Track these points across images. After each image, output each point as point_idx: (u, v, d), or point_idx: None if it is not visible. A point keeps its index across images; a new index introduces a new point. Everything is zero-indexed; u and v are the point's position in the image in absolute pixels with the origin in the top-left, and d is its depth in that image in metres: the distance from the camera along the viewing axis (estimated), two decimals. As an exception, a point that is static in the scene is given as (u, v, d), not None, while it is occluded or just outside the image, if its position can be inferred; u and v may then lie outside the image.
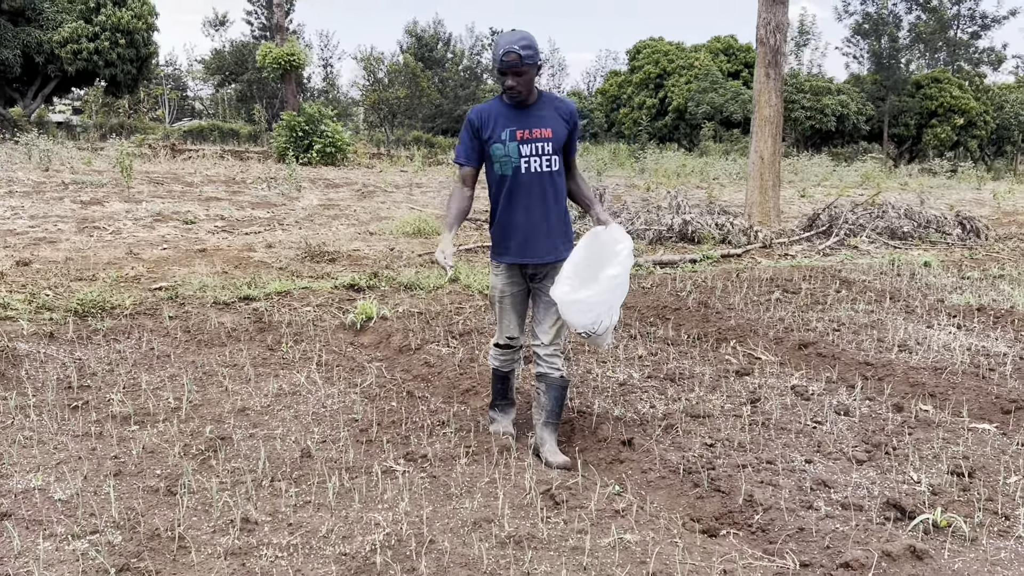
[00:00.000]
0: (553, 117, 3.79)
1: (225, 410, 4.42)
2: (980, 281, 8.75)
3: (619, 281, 3.63)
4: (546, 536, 3.12)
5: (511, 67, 3.60)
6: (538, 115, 3.77)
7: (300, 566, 2.86)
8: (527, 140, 3.72)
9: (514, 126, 3.72)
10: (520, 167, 3.73)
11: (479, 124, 3.75)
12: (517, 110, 3.75)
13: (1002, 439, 4.20)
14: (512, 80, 3.63)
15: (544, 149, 3.75)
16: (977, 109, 42.42)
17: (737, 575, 2.86)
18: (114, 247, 9.41)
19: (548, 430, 3.93)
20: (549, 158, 3.77)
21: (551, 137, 3.76)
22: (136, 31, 32.56)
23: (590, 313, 3.60)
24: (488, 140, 3.74)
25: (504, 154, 3.72)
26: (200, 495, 3.40)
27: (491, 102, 3.84)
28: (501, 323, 4.00)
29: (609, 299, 3.63)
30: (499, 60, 3.60)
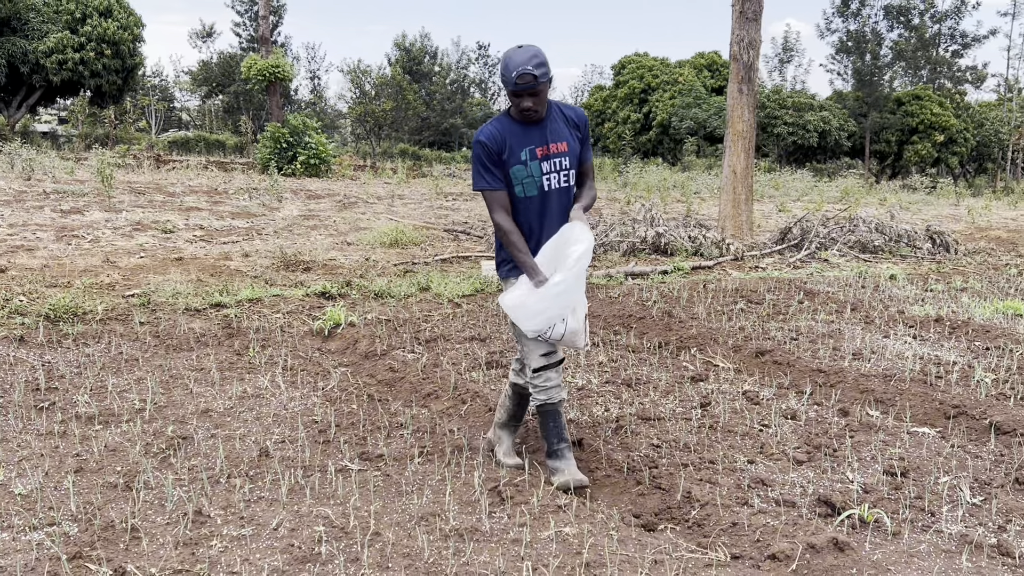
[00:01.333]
0: (565, 129, 3.64)
1: (188, 411, 4.53)
2: (943, 294, 8.95)
3: (560, 288, 3.44)
4: (488, 529, 3.25)
5: (527, 89, 3.40)
6: (552, 129, 3.60)
7: (248, 555, 2.98)
8: (547, 157, 3.57)
9: (532, 144, 3.55)
10: (543, 186, 3.58)
11: (496, 147, 3.54)
12: (528, 126, 3.57)
13: (939, 442, 4.35)
14: (528, 101, 3.44)
15: (562, 164, 3.61)
16: (957, 126, 43.00)
17: (667, 565, 2.99)
18: (91, 255, 9.50)
19: (507, 432, 3.96)
20: (567, 173, 3.63)
21: (567, 151, 3.61)
22: (122, 42, 32.66)
23: (537, 319, 3.49)
24: (507, 162, 3.55)
25: (527, 175, 3.56)
26: (157, 491, 3.51)
27: (498, 121, 3.60)
28: (530, 346, 3.65)
29: (558, 303, 3.46)
30: (512, 82, 3.39)
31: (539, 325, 3.50)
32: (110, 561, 2.87)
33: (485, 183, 3.57)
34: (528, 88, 3.40)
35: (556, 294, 3.44)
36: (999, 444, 4.31)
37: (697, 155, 41.36)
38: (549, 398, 3.67)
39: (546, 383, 3.65)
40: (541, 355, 3.62)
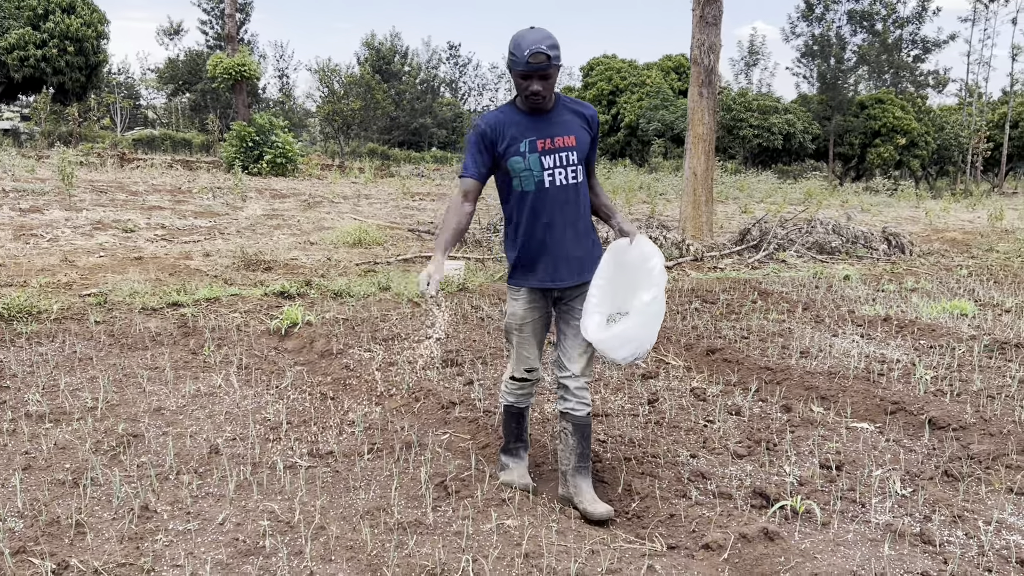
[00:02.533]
0: (574, 123, 3.44)
1: (141, 410, 4.56)
2: (894, 294, 9.16)
3: (657, 306, 3.29)
4: (432, 522, 3.32)
5: (538, 70, 3.20)
6: (559, 121, 3.40)
7: (192, 549, 3.03)
8: (550, 150, 3.36)
9: (534, 135, 3.35)
10: (544, 181, 3.36)
11: (493, 135, 3.36)
12: (534, 117, 3.38)
13: (877, 437, 4.50)
14: (538, 84, 3.24)
15: (569, 159, 3.39)
16: (919, 130, 43.71)
17: (603, 555, 3.08)
18: (50, 254, 9.43)
19: (582, 476, 3.54)
20: (575, 169, 3.40)
21: (575, 146, 3.40)
22: (85, 39, 32.28)
23: (630, 345, 3.28)
24: (505, 153, 3.36)
25: (525, 168, 3.35)
26: (105, 487, 3.55)
27: (502, 109, 3.43)
28: (519, 354, 3.57)
29: (648, 325, 3.30)
30: (523, 62, 3.19)
31: (635, 351, 3.32)
32: (53, 556, 2.91)
33: (467, 171, 3.40)
34: (539, 69, 3.21)
35: (654, 314, 3.29)
36: (933, 438, 4.46)
37: (664, 157, 41.70)
38: (517, 401, 3.69)
39: (519, 390, 3.65)
40: (525, 369, 3.57)
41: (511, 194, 3.44)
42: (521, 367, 3.58)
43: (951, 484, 3.85)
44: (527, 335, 3.55)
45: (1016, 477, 3.93)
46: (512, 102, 3.44)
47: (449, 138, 60.49)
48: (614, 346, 3.27)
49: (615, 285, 3.36)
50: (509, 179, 3.41)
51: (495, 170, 3.45)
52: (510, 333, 3.59)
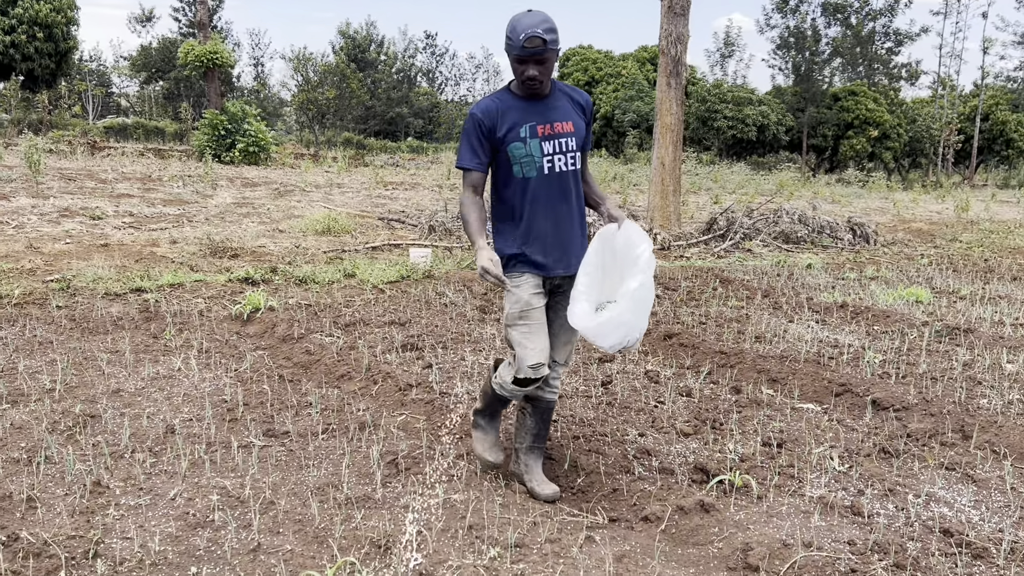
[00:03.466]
0: (571, 109, 3.39)
1: (99, 391, 4.60)
2: (854, 282, 9.33)
3: (644, 292, 3.19)
4: (381, 497, 3.41)
5: (534, 54, 3.14)
6: (556, 106, 3.35)
7: (143, 522, 3.10)
8: (549, 136, 3.30)
9: (533, 120, 3.29)
10: (544, 167, 3.30)
11: (490, 123, 3.28)
12: (532, 102, 3.32)
13: (821, 417, 4.63)
14: (534, 69, 3.18)
15: (568, 145, 3.33)
16: (891, 122, 44.17)
17: (545, 526, 3.19)
18: (14, 241, 9.40)
19: (534, 456, 3.56)
20: (573, 155, 3.35)
21: (572, 132, 3.35)
22: (55, 25, 31.90)
23: (618, 332, 3.19)
24: (504, 139, 3.28)
25: (526, 154, 3.28)
26: (59, 465, 3.60)
27: (497, 95, 3.35)
28: (525, 347, 3.31)
29: (636, 312, 3.20)
30: (519, 46, 3.12)
31: (623, 339, 3.21)
32: (4, 528, 2.96)
33: (466, 161, 3.32)
34: (536, 53, 3.13)
35: (641, 299, 3.19)
36: (876, 418, 4.60)
37: (639, 148, 41.83)
38: (511, 395, 3.48)
39: (515, 391, 3.43)
40: (532, 365, 3.30)
41: (511, 180, 3.34)
42: (529, 361, 3.28)
43: (887, 460, 3.99)
44: (536, 322, 3.34)
45: (949, 454, 4.07)
46: (507, 87, 3.37)
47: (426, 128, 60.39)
48: (602, 333, 3.19)
49: (603, 272, 3.28)
50: (509, 166, 3.32)
51: (494, 157, 3.35)
52: (513, 328, 3.35)
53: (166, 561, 2.84)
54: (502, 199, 3.41)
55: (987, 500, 3.57)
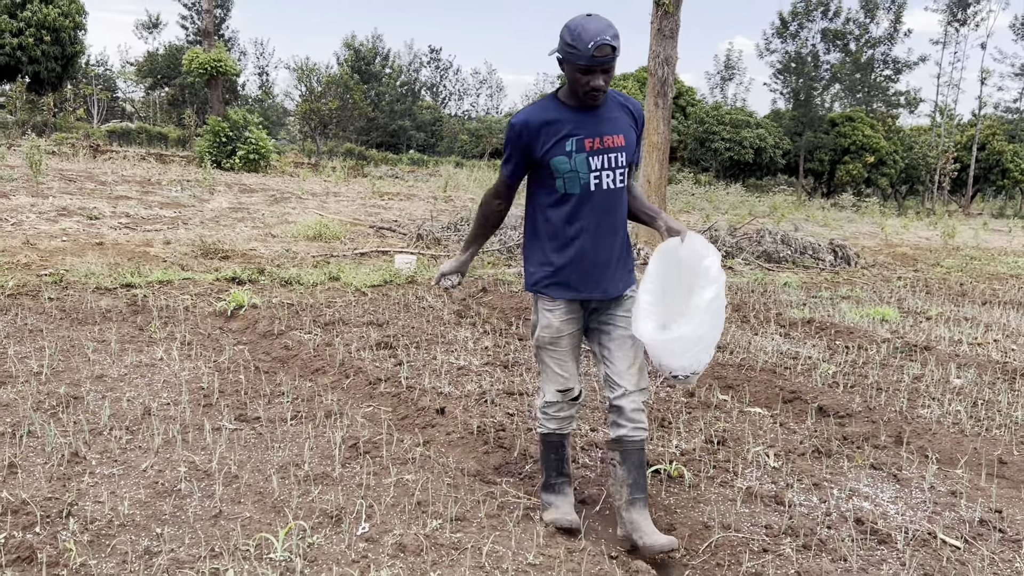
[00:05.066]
0: (623, 120, 3.11)
1: (84, 376, 4.86)
2: (826, 300, 9.60)
3: (718, 304, 2.94)
4: (338, 475, 3.66)
5: (602, 63, 2.88)
6: (609, 118, 3.07)
7: (115, 489, 3.35)
8: (599, 151, 3.03)
9: (581, 133, 3.02)
10: (590, 183, 3.04)
11: (529, 136, 3.03)
12: (582, 113, 3.04)
13: (767, 420, 4.89)
14: (600, 79, 2.92)
15: (617, 161, 3.07)
16: (887, 148, 44.63)
17: (488, 504, 3.44)
18: (12, 237, 9.67)
19: (638, 509, 3.17)
20: (622, 172, 3.09)
21: (624, 146, 3.08)
22: (63, 29, 32.30)
23: (689, 353, 2.92)
24: (547, 152, 3.02)
25: (570, 169, 3.02)
26: (41, 439, 3.86)
27: (542, 104, 3.08)
28: (553, 372, 3.21)
29: (710, 330, 2.95)
30: (587, 55, 2.85)
31: (694, 358, 2.96)
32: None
33: (503, 165, 3.16)
34: (604, 63, 2.88)
35: (717, 311, 2.94)
36: (818, 423, 4.86)
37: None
38: (559, 428, 3.29)
39: (558, 412, 3.27)
40: (558, 389, 3.20)
41: (550, 196, 3.09)
42: (555, 387, 3.22)
43: (819, 460, 4.25)
44: (564, 349, 3.19)
45: (880, 456, 4.33)
46: (554, 95, 3.10)
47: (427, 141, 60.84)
48: (673, 351, 2.91)
49: (666, 288, 3.02)
50: (551, 179, 3.06)
51: (533, 168, 3.12)
52: (542, 350, 3.22)
53: (133, 523, 3.09)
54: (540, 213, 3.15)
55: (906, 497, 3.83)
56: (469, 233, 3.34)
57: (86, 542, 2.92)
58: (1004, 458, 4.35)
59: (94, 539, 2.95)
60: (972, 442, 4.55)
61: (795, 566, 3.06)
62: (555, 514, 3.28)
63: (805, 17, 43.42)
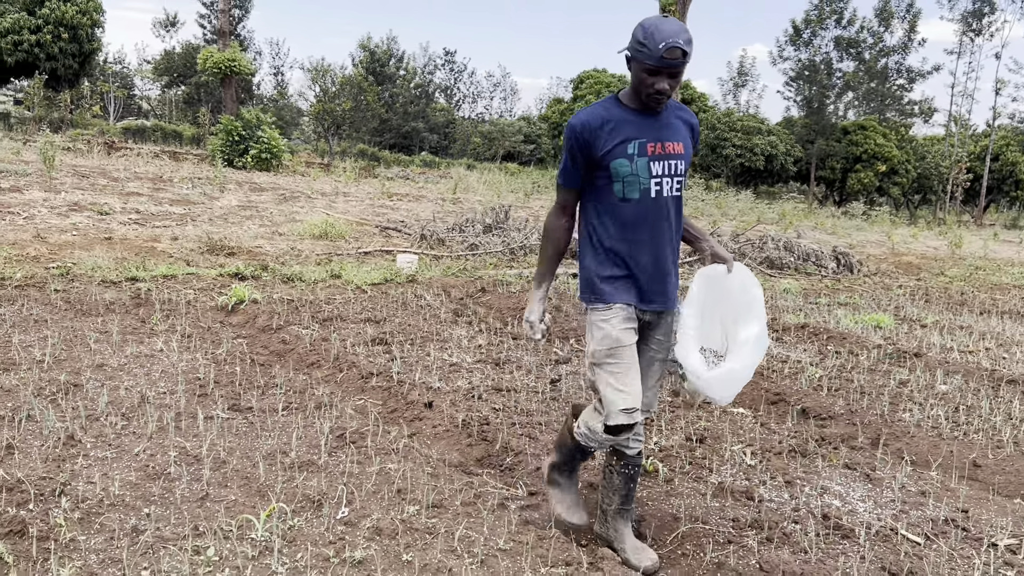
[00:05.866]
0: (683, 129, 3.06)
1: (84, 364, 5.01)
2: (824, 306, 9.68)
3: (765, 342, 2.96)
4: (323, 463, 3.79)
5: (671, 66, 2.81)
6: (669, 124, 3.01)
7: (107, 471, 3.49)
8: (660, 156, 2.95)
9: (644, 137, 2.93)
10: (650, 189, 2.94)
11: (589, 135, 2.93)
12: (644, 116, 2.96)
13: (749, 420, 4.99)
14: (666, 82, 2.85)
15: (677, 168, 2.99)
16: (899, 157, 44.53)
17: (465, 492, 3.56)
18: (23, 231, 9.86)
19: (622, 520, 3.20)
20: (680, 180, 3.01)
21: (683, 153, 3.01)
22: (80, 26, 32.65)
23: (736, 384, 2.94)
24: (607, 154, 2.92)
25: (631, 172, 2.92)
26: (40, 423, 4.00)
27: (603, 104, 2.99)
28: (617, 390, 2.92)
29: (753, 364, 2.95)
30: (657, 56, 2.78)
31: (733, 392, 2.99)
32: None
33: (561, 176, 3.05)
34: (673, 66, 2.81)
35: (763, 347, 2.95)
36: (799, 424, 4.96)
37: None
38: (600, 445, 3.12)
39: (606, 440, 3.04)
40: (622, 410, 2.91)
41: (608, 199, 2.98)
42: (619, 406, 2.90)
43: (795, 459, 4.35)
44: (628, 360, 2.94)
45: (856, 456, 4.43)
46: (615, 96, 3.01)
47: (441, 143, 61.10)
48: (722, 385, 2.90)
49: (704, 315, 2.98)
50: (610, 183, 2.96)
51: (590, 172, 3.00)
52: (601, 365, 2.96)
53: (123, 503, 3.23)
54: (596, 218, 3.04)
55: (877, 496, 3.93)
56: (538, 266, 3.12)
57: (76, 519, 3.05)
58: (978, 461, 4.44)
59: (84, 517, 3.09)
60: (949, 445, 4.65)
61: (756, 557, 3.17)
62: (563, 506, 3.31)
63: (819, 25, 43.38)
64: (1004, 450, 4.64)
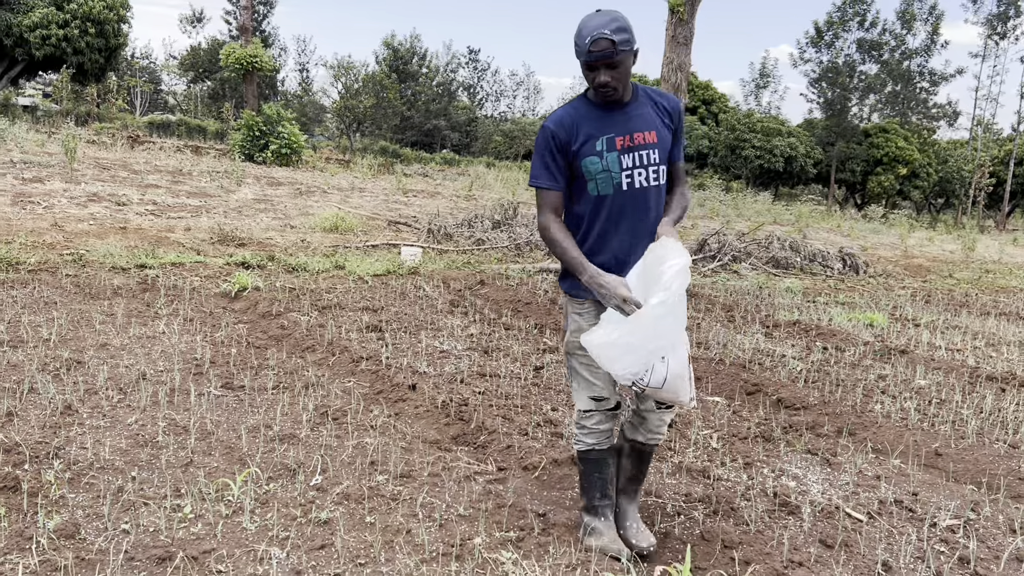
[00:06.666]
0: (654, 116, 3.02)
1: (88, 344, 5.27)
2: (822, 305, 9.80)
3: (660, 311, 2.72)
4: (304, 437, 4.02)
5: (602, 58, 2.81)
6: (638, 115, 2.99)
7: (100, 438, 3.74)
8: (629, 148, 2.95)
9: (611, 132, 2.95)
10: (622, 183, 2.96)
11: (565, 136, 2.94)
12: (610, 111, 2.97)
13: (723, 408, 5.17)
14: (605, 75, 2.85)
15: (650, 158, 2.98)
16: (920, 161, 44.29)
17: (434, 465, 3.77)
18: (42, 219, 10.19)
19: (627, 499, 3.25)
20: (656, 169, 2.99)
21: (656, 142, 2.99)
22: (107, 21, 33.19)
23: (630, 357, 2.77)
24: (578, 153, 2.95)
25: (602, 169, 2.94)
26: (41, 395, 4.26)
27: (572, 104, 3.01)
28: (585, 380, 3.08)
29: (658, 333, 2.76)
30: (585, 51, 2.81)
31: (634, 366, 2.78)
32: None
33: (539, 180, 2.99)
34: (604, 57, 2.81)
35: (655, 318, 2.73)
36: (770, 413, 5.13)
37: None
38: (598, 443, 3.13)
39: (596, 425, 3.11)
40: (591, 397, 3.08)
41: (583, 197, 3.01)
42: (587, 394, 3.09)
43: (760, 444, 4.52)
44: None
45: (819, 443, 4.60)
46: (584, 95, 3.03)
47: (462, 141, 61.43)
48: (610, 356, 2.79)
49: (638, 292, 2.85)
50: (583, 181, 2.98)
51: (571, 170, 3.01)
52: (573, 356, 3.09)
53: (112, 466, 3.47)
54: (571, 215, 3.07)
55: (833, 479, 4.10)
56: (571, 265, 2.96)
57: (67, 479, 3.30)
58: (940, 450, 4.59)
59: (74, 477, 3.33)
60: (913, 435, 4.80)
61: (700, 527, 3.36)
62: (601, 541, 3.12)
63: (841, 27, 43.24)
64: (967, 440, 4.79)
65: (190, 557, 2.81)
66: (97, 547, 2.83)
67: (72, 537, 2.87)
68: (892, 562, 3.20)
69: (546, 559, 3.02)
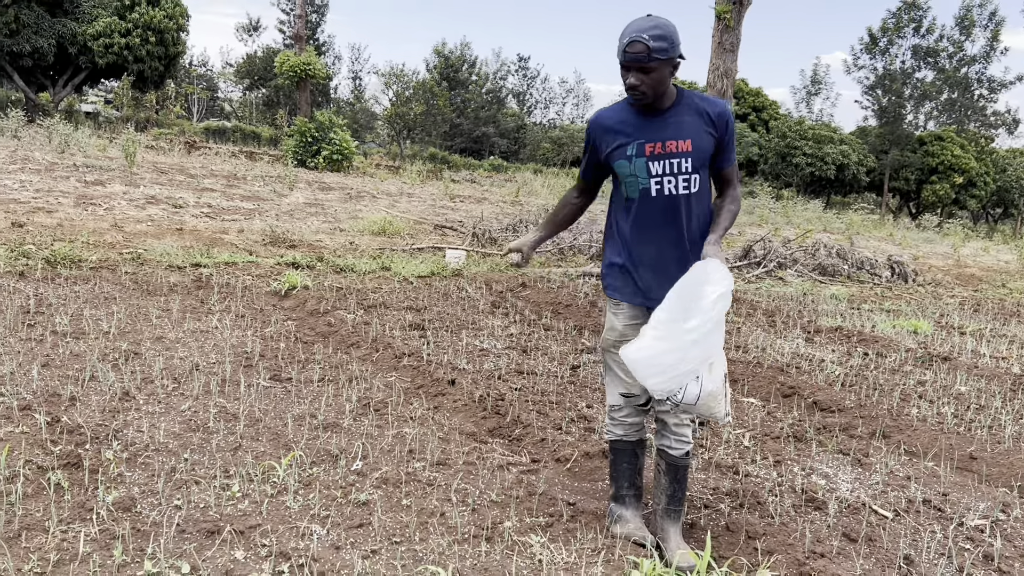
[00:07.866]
0: (694, 124, 3.00)
1: (145, 336, 5.53)
2: (867, 312, 9.76)
3: (697, 336, 2.77)
4: (347, 426, 4.20)
5: (635, 61, 2.85)
6: (675, 122, 3.00)
7: (154, 423, 3.95)
8: (659, 156, 2.98)
9: (643, 138, 2.99)
10: (650, 189, 3.00)
11: (596, 136, 3.09)
12: (647, 117, 3.01)
13: (757, 409, 5.23)
14: (635, 77, 2.89)
15: (681, 167, 2.98)
16: (977, 169, 43.41)
17: (470, 454, 3.92)
18: (103, 220, 10.59)
19: (670, 520, 3.23)
20: (688, 177, 2.99)
21: (690, 151, 2.97)
22: (166, 30, 34.17)
23: (663, 376, 2.83)
24: (610, 155, 3.04)
25: (630, 173, 3.01)
26: (101, 382, 4.50)
27: (617, 106, 3.09)
28: (616, 376, 3.22)
29: (692, 355, 2.80)
30: (621, 51, 2.87)
31: (668, 383, 2.84)
32: (49, 414, 3.86)
33: (580, 166, 3.24)
34: (636, 61, 2.85)
35: (691, 342, 2.77)
36: (806, 415, 5.18)
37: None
38: (626, 434, 3.27)
39: (625, 418, 3.26)
40: (621, 393, 3.22)
41: (619, 199, 3.14)
42: (618, 390, 3.23)
43: (792, 443, 4.59)
44: None
45: (850, 443, 4.64)
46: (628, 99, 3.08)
47: (510, 148, 61.71)
48: (644, 371, 2.85)
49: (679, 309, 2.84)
50: (618, 182, 3.11)
51: (606, 171, 3.17)
52: (607, 352, 3.24)
53: (166, 448, 3.68)
54: (611, 216, 3.21)
55: (863, 478, 4.15)
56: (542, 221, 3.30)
57: (124, 458, 3.51)
58: (975, 454, 4.60)
59: (131, 457, 3.54)
60: (948, 438, 4.82)
61: (726, 519, 3.45)
62: (626, 528, 3.23)
63: (896, 33, 42.61)
64: (1003, 445, 4.79)
65: (237, 531, 2.99)
66: (151, 519, 3.03)
67: (129, 510, 3.07)
68: (915, 556, 3.26)
69: (573, 543, 3.14)
